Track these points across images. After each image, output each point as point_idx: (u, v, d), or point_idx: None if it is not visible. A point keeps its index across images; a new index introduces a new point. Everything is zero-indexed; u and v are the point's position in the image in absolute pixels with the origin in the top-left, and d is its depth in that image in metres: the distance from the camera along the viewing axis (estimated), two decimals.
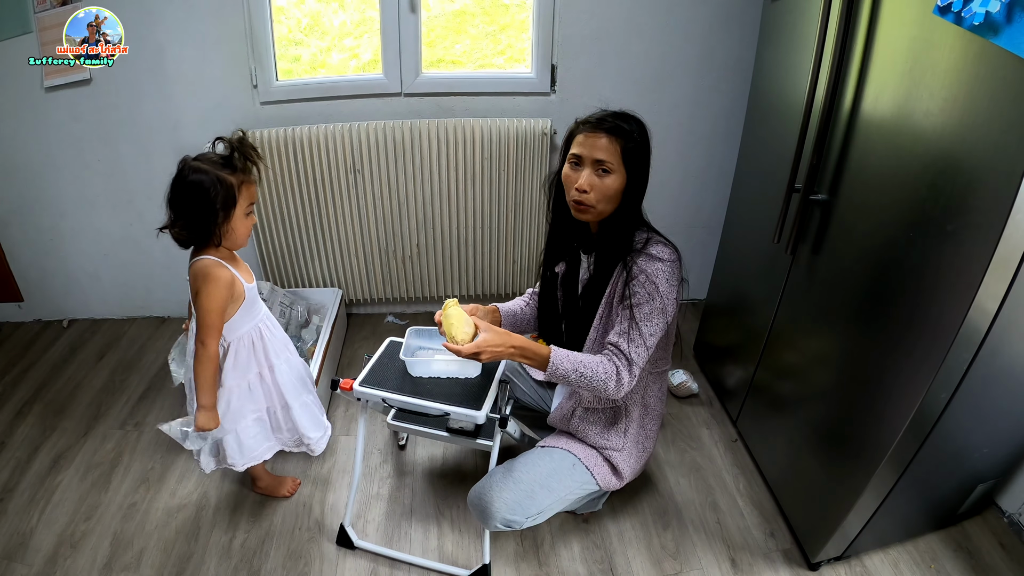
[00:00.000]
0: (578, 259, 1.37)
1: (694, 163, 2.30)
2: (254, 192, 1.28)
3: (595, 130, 1.17)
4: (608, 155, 1.16)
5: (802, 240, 1.43)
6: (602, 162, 1.16)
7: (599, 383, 1.18)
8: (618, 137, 1.16)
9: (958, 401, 1.09)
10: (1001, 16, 0.85)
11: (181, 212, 1.21)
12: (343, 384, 1.32)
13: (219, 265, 1.25)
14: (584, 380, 1.18)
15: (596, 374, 1.17)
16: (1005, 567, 1.46)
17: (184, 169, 1.20)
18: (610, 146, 1.16)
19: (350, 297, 2.43)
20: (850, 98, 1.24)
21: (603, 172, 1.17)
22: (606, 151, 1.16)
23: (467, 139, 2.07)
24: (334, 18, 2.14)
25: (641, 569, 1.46)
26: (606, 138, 1.16)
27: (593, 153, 1.17)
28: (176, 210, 1.21)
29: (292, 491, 1.67)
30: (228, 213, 1.22)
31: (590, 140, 1.17)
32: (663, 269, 1.19)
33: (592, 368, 1.17)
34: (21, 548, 1.50)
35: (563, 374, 1.18)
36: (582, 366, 1.17)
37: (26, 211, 2.27)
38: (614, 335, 1.21)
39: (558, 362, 1.17)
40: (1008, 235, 0.89)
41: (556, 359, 1.17)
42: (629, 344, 1.18)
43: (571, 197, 1.22)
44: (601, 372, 1.17)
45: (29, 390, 2.09)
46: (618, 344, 1.19)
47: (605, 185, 1.17)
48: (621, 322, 1.21)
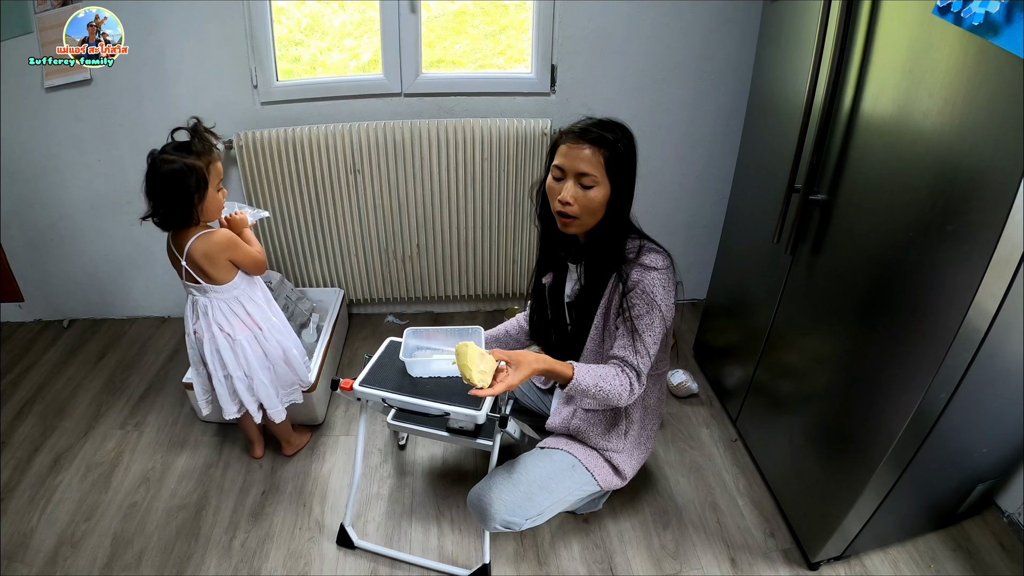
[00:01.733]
0: (564, 269, 1.37)
1: (694, 163, 2.30)
2: (220, 169, 1.42)
3: (578, 141, 1.15)
4: (591, 167, 1.14)
5: (802, 240, 1.43)
6: (585, 175, 1.14)
7: (615, 396, 1.19)
8: (602, 148, 1.14)
9: (958, 401, 1.09)
10: (1001, 16, 0.85)
11: (161, 200, 1.35)
12: (343, 384, 1.32)
13: (220, 231, 1.45)
14: (602, 394, 1.18)
15: (613, 387, 1.18)
16: (1005, 567, 1.46)
17: (155, 162, 1.33)
18: (593, 158, 1.14)
19: (350, 297, 2.43)
20: (850, 98, 1.24)
21: (586, 185, 1.15)
22: (589, 163, 1.14)
23: (467, 139, 2.07)
24: (334, 18, 2.14)
25: (641, 569, 1.46)
26: (589, 149, 1.14)
27: (576, 165, 1.14)
28: (156, 199, 1.36)
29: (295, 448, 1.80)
30: (202, 194, 1.37)
31: (573, 151, 1.15)
32: (658, 278, 1.19)
33: (610, 382, 1.18)
34: (21, 548, 1.50)
35: (583, 389, 1.17)
36: (602, 380, 1.18)
37: (26, 211, 2.27)
38: (619, 349, 1.22)
39: (580, 378, 1.17)
40: (1008, 235, 0.89)
41: (579, 376, 1.17)
42: (636, 356, 1.20)
43: (555, 209, 1.20)
44: (618, 385, 1.19)
45: (29, 390, 2.09)
46: (625, 359, 1.20)
47: (588, 198, 1.16)
48: (623, 335, 1.21)
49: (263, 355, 1.57)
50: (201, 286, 1.45)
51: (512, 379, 1.10)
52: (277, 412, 1.62)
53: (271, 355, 1.58)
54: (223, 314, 1.49)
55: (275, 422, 1.65)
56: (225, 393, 1.56)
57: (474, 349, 1.09)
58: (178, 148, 1.36)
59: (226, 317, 1.50)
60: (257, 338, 1.54)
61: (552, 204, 1.21)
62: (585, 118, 1.21)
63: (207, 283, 1.45)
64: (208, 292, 1.47)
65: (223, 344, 1.50)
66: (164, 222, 1.39)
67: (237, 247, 1.46)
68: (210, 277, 1.44)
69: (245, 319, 1.53)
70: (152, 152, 1.35)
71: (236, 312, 1.51)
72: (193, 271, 1.43)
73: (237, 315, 1.51)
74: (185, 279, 1.46)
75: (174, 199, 1.35)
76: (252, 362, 1.54)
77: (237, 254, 1.46)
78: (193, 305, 1.51)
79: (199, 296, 1.48)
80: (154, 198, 1.36)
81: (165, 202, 1.35)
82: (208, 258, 1.42)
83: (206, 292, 1.47)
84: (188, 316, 1.53)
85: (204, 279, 1.44)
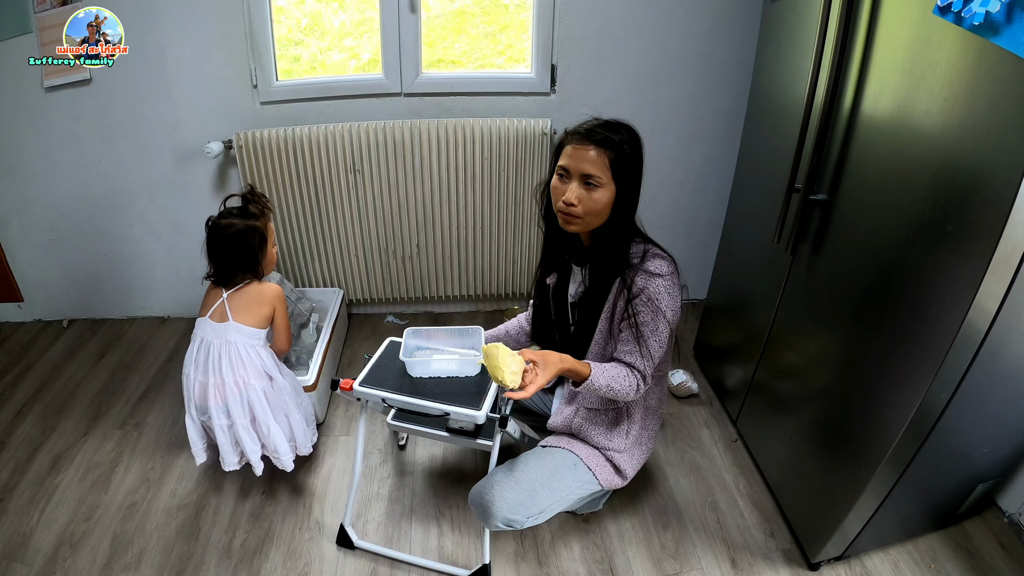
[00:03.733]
0: (568, 270, 1.37)
1: (694, 163, 2.30)
2: (272, 227, 1.60)
3: (584, 142, 1.14)
4: (596, 168, 1.14)
5: (802, 240, 1.43)
6: (590, 176, 1.14)
7: (622, 395, 1.23)
8: (607, 149, 1.13)
9: (958, 401, 1.09)
10: (1001, 16, 0.85)
11: (227, 260, 1.50)
12: (343, 384, 1.32)
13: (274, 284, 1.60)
14: (611, 393, 1.22)
15: (623, 387, 1.22)
16: (1005, 567, 1.46)
17: (217, 227, 1.49)
18: (599, 159, 1.13)
19: (350, 297, 2.43)
20: (850, 98, 1.24)
21: (591, 186, 1.15)
22: (594, 164, 1.13)
23: (467, 139, 2.07)
24: (334, 18, 2.14)
25: (641, 569, 1.46)
26: (595, 150, 1.13)
27: (581, 166, 1.14)
28: (220, 260, 1.51)
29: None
30: (264, 250, 1.54)
31: (578, 152, 1.15)
32: (663, 284, 1.19)
33: (620, 382, 1.21)
34: (21, 548, 1.50)
35: (596, 388, 1.20)
36: (613, 381, 1.21)
37: (26, 211, 2.27)
38: (625, 354, 1.23)
39: (595, 378, 1.19)
40: (1008, 235, 0.89)
41: (595, 375, 1.19)
42: (642, 360, 1.22)
43: (558, 208, 1.20)
44: (627, 385, 1.22)
45: (29, 390, 2.09)
46: (632, 363, 1.23)
47: (593, 199, 1.16)
48: (629, 340, 1.23)
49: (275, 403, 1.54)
50: (229, 324, 1.47)
51: (541, 379, 1.11)
52: (287, 460, 1.56)
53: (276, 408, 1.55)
54: (240, 358, 1.47)
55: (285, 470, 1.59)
56: (227, 443, 1.51)
57: (504, 350, 1.09)
58: (234, 213, 1.52)
59: (243, 361, 1.48)
60: (266, 392, 1.52)
61: (555, 204, 1.21)
62: (591, 118, 1.20)
63: (239, 323, 1.48)
64: (232, 332, 1.47)
65: (232, 392, 1.46)
66: (229, 280, 1.51)
67: (284, 305, 1.59)
68: (245, 317, 1.49)
69: (261, 367, 1.51)
70: (210, 218, 1.51)
71: (253, 359, 1.50)
72: (231, 308, 1.49)
73: (255, 362, 1.50)
74: (215, 318, 1.49)
75: (240, 258, 1.50)
76: (265, 408, 1.50)
77: (280, 310, 1.57)
78: (201, 350, 1.48)
79: (215, 339, 1.47)
80: (218, 259, 1.51)
81: (231, 261, 1.50)
82: (256, 300, 1.52)
83: (229, 333, 1.47)
84: (189, 362, 1.50)
85: (239, 318, 1.48)
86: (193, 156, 2.16)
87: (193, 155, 2.16)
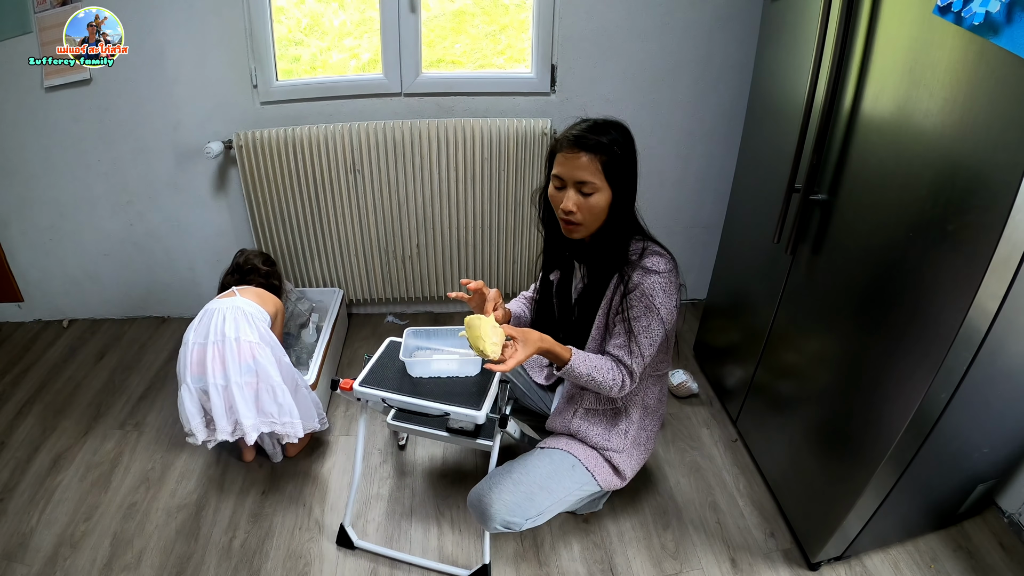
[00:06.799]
0: (572, 267, 1.37)
1: (694, 163, 2.30)
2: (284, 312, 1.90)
3: (573, 149, 1.14)
4: (589, 174, 1.13)
5: (802, 240, 1.43)
6: (584, 183, 1.14)
7: (605, 388, 1.23)
8: (598, 154, 1.13)
9: (958, 401, 1.09)
10: (1001, 16, 0.85)
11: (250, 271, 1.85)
12: (343, 384, 1.32)
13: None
14: (594, 384, 1.22)
15: (605, 379, 1.22)
16: (1005, 567, 1.45)
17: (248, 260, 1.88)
18: (591, 164, 1.13)
19: (350, 297, 2.43)
20: (850, 98, 1.24)
21: (586, 192, 1.15)
22: (587, 170, 1.13)
23: (467, 139, 2.07)
24: (334, 18, 2.14)
25: (641, 569, 1.46)
26: (586, 156, 1.13)
27: (574, 174, 1.14)
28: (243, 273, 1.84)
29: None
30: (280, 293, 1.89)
31: (570, 160, 1.14)
32: (659, 281, 1.19)
33: (603, 374, 1.22)
34: (21, 548, 1.50)
35: (576, 376, 1.21)
36: (595, 371, 1.21)
37: (26, 211, 2.27)
38: (615, 348, 1.23)
39: (575, 364, 1.20)
40: (1008, 235, 0.89)
41: (575, 361, 1.20)
42: (630, 356, 1.22)
43: (559, 216, 1.21)
44: (610, 379, 1.22)
45: (29, 390, 2.09)
46: (620, 358, 1.23)
47: (590, 204, 1.16)
48: (619, 335, 1.23)
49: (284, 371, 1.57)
50: (236, 298, 1.61)
51: (520, 354, 1.12)
52: (294, 427, 1.54)
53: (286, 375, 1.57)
54: (245, 319, 1.55)
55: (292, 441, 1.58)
56: (221, 405, 1.49)
57: (486, 321, 1.11)
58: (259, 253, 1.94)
59: (247, 322, 1.55)
60: (274, 351, 1.57)
61: (556, 212, 1.22)
62: (579, 120, 1.20)
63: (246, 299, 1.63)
64: (239, 302, 1.59)
65: (231, 348, 1.48)
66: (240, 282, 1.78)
67: (283, 316, 1.82)
68: (251, 299, 1.64)
69: (265, 334, 1.58)
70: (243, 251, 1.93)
71: (258, 324, 1.57)
72: (240, 294, 1.66)
73: (258, 327, 1.57)
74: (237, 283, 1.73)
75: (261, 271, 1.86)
76: (272, 364, 1.52)
77: (278, 318, 1.75)
78: (204, 317, 1.56)
79: (219, 307, 1.56)
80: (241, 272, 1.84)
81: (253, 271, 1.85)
82: (262, 296, 1.71)
83: (235, 302, 1.59)
84: (190, 331, 1.55)
85: (246, 297, 1.65)
86: (193, 156, 2.16)
87: (193, 155, 2.16)
